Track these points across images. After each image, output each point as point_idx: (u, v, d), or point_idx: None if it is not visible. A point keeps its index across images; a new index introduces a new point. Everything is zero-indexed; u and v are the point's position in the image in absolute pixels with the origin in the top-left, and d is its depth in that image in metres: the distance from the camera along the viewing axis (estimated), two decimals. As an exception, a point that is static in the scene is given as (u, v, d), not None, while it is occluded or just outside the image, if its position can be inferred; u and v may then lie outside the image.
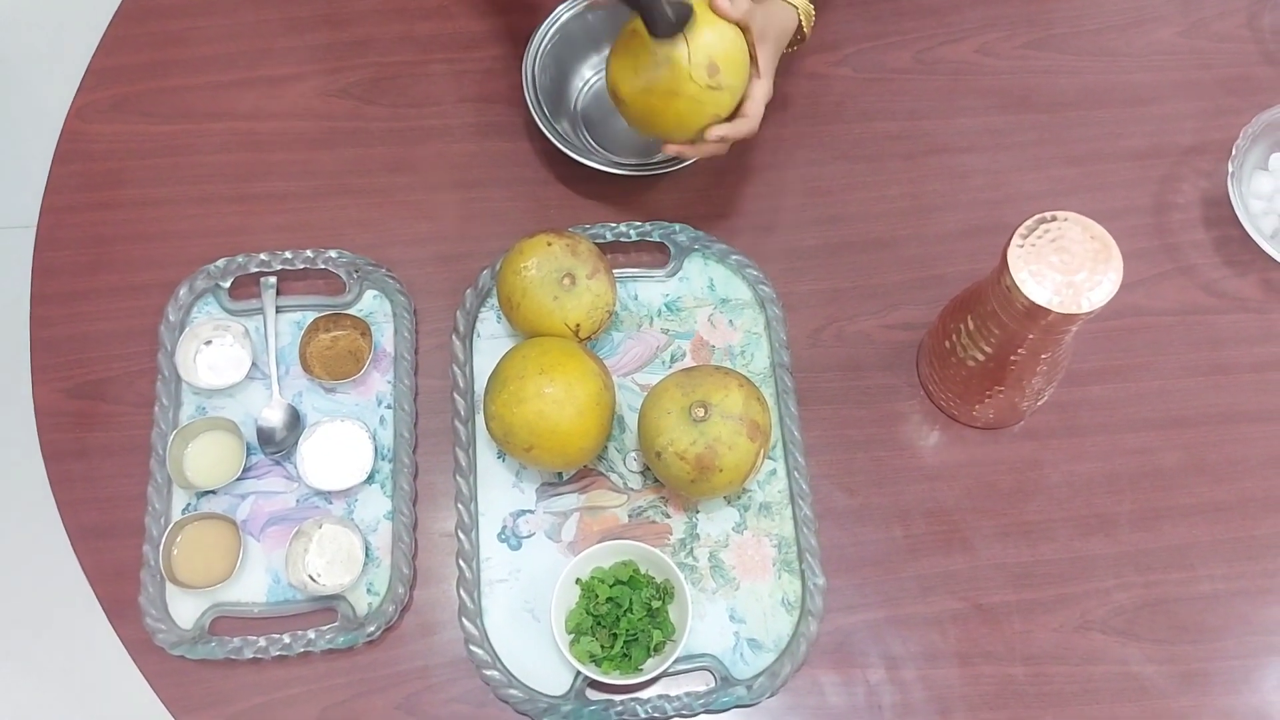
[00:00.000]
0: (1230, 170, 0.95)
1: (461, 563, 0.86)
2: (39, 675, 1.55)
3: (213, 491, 0.88)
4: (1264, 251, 0.94)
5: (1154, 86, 1.07)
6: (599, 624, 0.83)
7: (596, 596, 0.83)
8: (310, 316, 0.94)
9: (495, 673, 0.83)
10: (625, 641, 0.82)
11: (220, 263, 0.95)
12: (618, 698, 0.83)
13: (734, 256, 0.97)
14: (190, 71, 1.06)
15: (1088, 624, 0.86)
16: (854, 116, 1.05)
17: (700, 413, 0.80)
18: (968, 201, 1.01)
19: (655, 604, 0.83)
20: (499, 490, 0.89)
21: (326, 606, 0.86)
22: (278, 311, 0.94)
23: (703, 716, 0.83)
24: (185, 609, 0.85)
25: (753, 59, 0.87)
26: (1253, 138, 0.97)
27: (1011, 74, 1.07)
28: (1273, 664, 0.85)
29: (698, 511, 0.89)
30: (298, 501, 0.89)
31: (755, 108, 0.89)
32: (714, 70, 0.83)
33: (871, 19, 1.09)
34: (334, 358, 0.93)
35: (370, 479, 0.89)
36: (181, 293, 0.94)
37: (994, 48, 1.08)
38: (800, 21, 0.94)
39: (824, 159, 1.03)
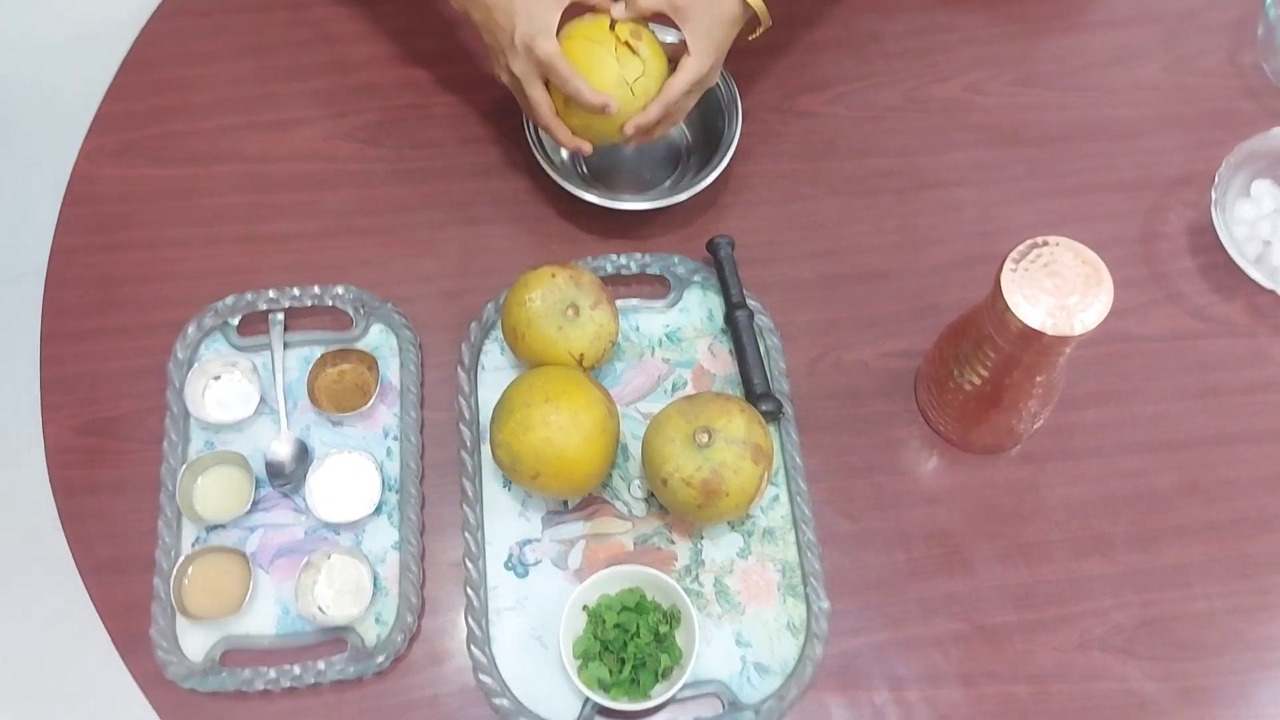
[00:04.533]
0: (1214, 198, 0.98)
1: (469, 591, 0.87)
2: (51, 711, 1.55)
3: (222, 525, 0.89)
4: (1249, 277, 0.96)
5: (1139, 120, 1.10)
6: (607, 650, 0.84)
7: (604, 622, 0.84)
8: (318, 351, 0.95)
9: (504, 700, 0.84)
10: (633, 667, 0.83)
11: (229, 300, 0.97)
12: (627, 724, 0.84)
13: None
14: (197, 116, 1.08)
15: (1088, 643, 0.87)
16: (847, 153, 1.08)
17: (704, 438, 0.82)
18: (960, 233, 1.04)
19: (662, 629, 0.84)
20: (505, 519, 0.90)
21: (336, 637, 0.86)
22: (285, 347, 0.96)
23: (711, 741, 0.84)
24: (196, 642, 0.86)
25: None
26: (1235, 166, 1.00)
27: (1000, 110, 1.10)
28: (1268, 679, 0.86)
29: (702, 538, 0.90)
30: (306, 533, 0.90)
31: (672, 85, 0.91)
32: (636, 34, 0.90)
33: (861, 59, 1.12)
34: (341, 391, 0.94)
35: (378, 510, 0.90)
36: (190, 330, 0.96)
37: (982, 85, 1.11)
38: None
39: (818, 194, 1.05)
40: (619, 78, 0.90)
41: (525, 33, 0.88)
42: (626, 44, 0.90)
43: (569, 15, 0.91)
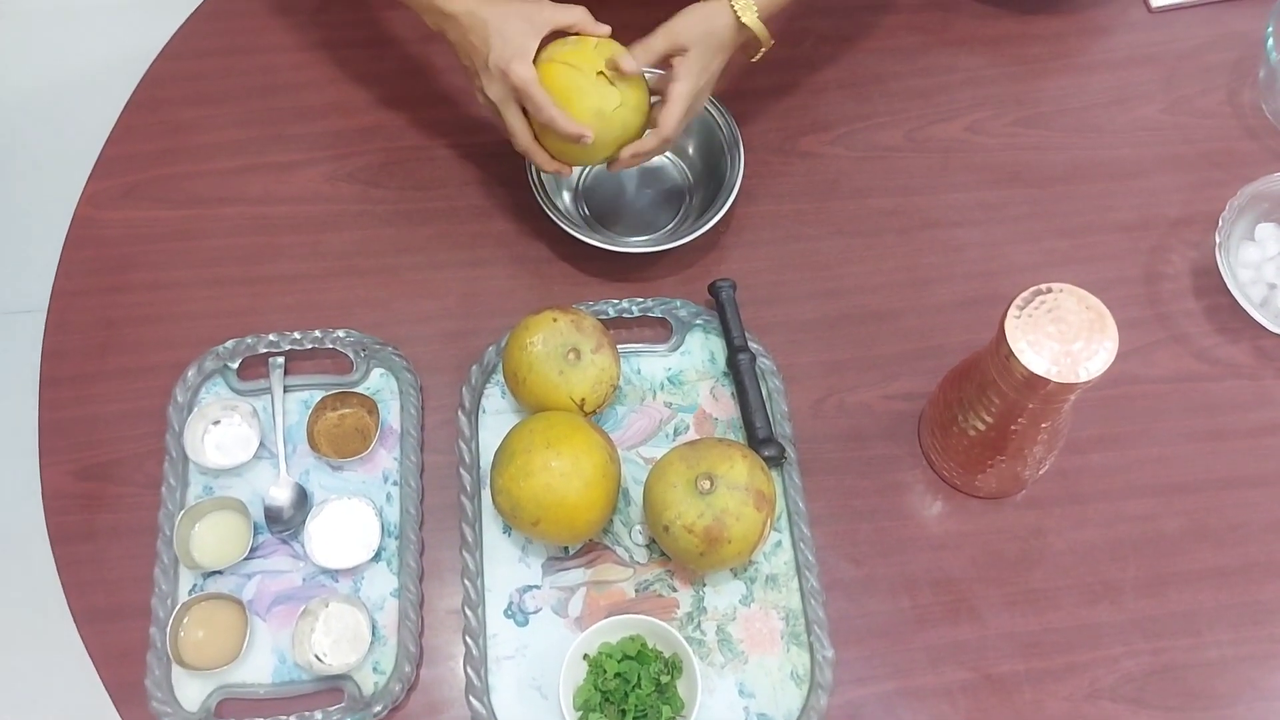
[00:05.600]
0: (1218, 241, 0.98)
1: (468, 640, 0.86)
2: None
3: (219, 572, 0.89)
4: (1254, 319, 0.96)
5: (1140, 161, 1.09)
6: (607, 700, 0.82)
7: (605, 672, 0.83)
8: (318, 395, 0.94)
9: (504, 751, 0.82)
10: (635, 718, 0.81)
11: (229, 344, 0.97)
12: (628, 775, 0.82)
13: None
14: (201, 158, 1.09)
15: (1097, 692, 0.85)
16: (849, 193, 1.07)
17: (706, 485, 0.81)
18: (962, 274, 1.03)
19: (664, 679, 0.83)
20: (505, 566, 0.89)
21: (333, 686, 0.85)
22: (285, 391, 0.95)
23: (714, 793, 0.82)
24: (191, 691, 0.85)
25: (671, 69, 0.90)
26: (1238, 209, 0.99)
27: (1001, 150, 1.10)
28: (1284, 730, 0.85)
29: (704, 585, 0.89)
30: (304, 580, 0.89)
31: (667, 115, 0.90)
32: (613, 66, 0.88)
33: (862, 100, 1.13)
34: (341, 435, 0.94)
35: (377, 556, 0.89)
36: (190, 374, 0.95)
37: (983, 126, 1.11)
38: (736, 14, 0.89)
39: (821, 234, 1.05)
40: (597, 109, 0.88)
41: (500, 56, 0.87)
42: (602, 74, 0.88)
43: (551, 39, 0.90)
